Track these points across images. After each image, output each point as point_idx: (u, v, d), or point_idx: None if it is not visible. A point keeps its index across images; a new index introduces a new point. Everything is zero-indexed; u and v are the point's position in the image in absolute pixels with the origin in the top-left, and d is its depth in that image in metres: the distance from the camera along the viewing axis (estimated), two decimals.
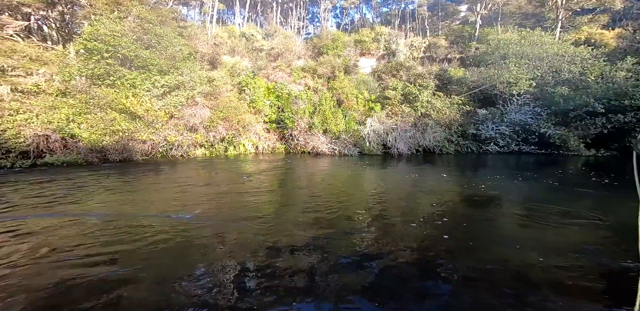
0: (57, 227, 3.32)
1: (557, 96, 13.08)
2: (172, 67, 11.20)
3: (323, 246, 2.90)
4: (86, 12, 11.44)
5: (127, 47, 10.09)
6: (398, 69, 16.78)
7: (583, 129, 12.81)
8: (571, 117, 12.97)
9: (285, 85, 13.66)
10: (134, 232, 3.21)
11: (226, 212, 4.07)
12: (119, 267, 2.45)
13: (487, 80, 14.76)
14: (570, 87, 13.44)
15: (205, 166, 8.75)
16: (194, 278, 2.30)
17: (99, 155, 8.83)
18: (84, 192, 5.03)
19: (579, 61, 14.45)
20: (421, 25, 29.95)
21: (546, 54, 15.03)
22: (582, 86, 13.48)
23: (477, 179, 6.84)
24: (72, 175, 6.71)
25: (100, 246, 2.85)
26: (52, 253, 2.69)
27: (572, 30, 24.52)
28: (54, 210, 3.99)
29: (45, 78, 9.55)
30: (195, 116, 10.85)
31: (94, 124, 8.82)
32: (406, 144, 12.48)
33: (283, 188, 6.01)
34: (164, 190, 5.37)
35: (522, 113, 13.42)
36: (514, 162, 10.70)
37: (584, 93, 12.88)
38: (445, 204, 4.64)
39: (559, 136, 12.66)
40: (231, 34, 18.90)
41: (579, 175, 8.15)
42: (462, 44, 23.64)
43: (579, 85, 13.65)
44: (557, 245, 3.01)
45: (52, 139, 8.61)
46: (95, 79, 9.76)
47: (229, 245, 2.92)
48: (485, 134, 13.39)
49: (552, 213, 4.11)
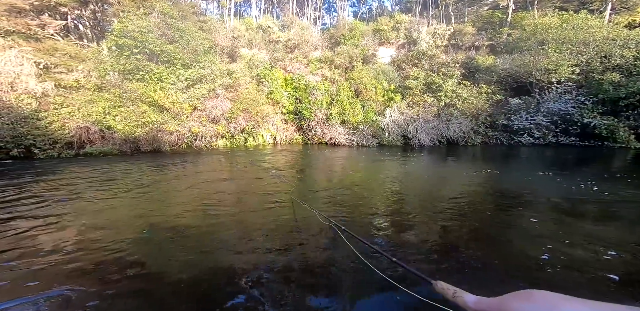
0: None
1: (606, 83, 11.65)
2: (194, 60, 11.51)
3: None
4: (115, 9, 12.01)
5: (153, 42, 10.49)
6: (420, 58, 15.90)
7: (635, 119, 11.37)
8: (622, 106, 11.54)
9: (302, 77, 13.54)
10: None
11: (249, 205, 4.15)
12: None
13: (522, 67, 13.49)
14: (622, 73, 11.89)
15: (231, 157, 8.99)
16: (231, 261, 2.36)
17: (131, 146, 9.44)
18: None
19: (633, 45, 12.67)
20: (445, 12, 27.91)
21: (593, 38, 13.33)
22: (637, 72, 11.86)
23: (509, 175, 6.29)
24: (114, 163, 7.23)
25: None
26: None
27: (624, 12, 21.46)
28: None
29: (84, 74, 10.27)
30: (216, 108, 11.14)
31: (127, 116, 9.39)
32: (428, 135, 11.93)
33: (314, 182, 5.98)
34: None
35: (563, 102, 12.16)
36: (551, 155, 9.79)
37: (638, 79, 11.34)
38: (469, 201, 4.16)
39: (606, 126, 11.35)
40: (248, 27, 18.95)
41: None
42: (492, 31, 21.74)
43: (632, 71, 12.03)
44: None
45: (91, 131, 9.32)
46: (127, 74, 10.31)
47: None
48: (518, 125, 12.37)
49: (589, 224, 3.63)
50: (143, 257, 2.31)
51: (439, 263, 2.32)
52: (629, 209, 3.71)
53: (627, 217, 3.47)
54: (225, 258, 2.33)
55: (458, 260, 2.34)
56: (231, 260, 2.31)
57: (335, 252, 2.43)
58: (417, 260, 2.33)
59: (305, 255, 2.39)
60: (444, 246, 2.61)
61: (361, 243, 1.64)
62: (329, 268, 2.19)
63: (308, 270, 2.17)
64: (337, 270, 2.17)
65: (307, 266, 2.21)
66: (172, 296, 1.86)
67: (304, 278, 2.07)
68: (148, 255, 2.37)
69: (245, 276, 2.06)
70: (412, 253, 2.46)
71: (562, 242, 2.65)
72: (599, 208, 3.79)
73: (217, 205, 3.74)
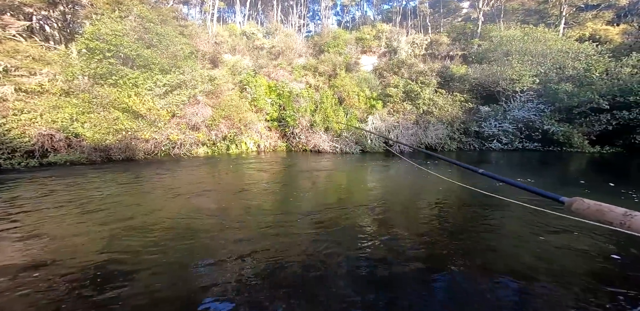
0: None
1: (560, 93, 12.95)
2: (174, 66, 11.22)
3: (327, 246, 2.90)
4: (87, 11, 11.47)
5: (128, 46, 10.11)
6: (399, 67, 16.68)
7: (587, 126, 12.68)
8: (575, 114, 12.84)
9: (286, 84, 13.64)
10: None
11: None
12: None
13: (490, 77, 14.64)
14: (574, 84, 13.29)
15: (211, 166, 8.77)
16: (203, 269, 2.31)
17: (102, 154, 8.90)
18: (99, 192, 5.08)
19: (583, 57, 14.28)
20: (423, 22, 29.72)
21: (550, 51, 14.87)
22: (587, 82, 13.32)
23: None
24: (78, 173, 6.76)
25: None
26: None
27: (576, 26, 24.21)
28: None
29: (49, 78, 9.61)
30: (197, 115, 10.87)
31: (97, 123, 8.88)
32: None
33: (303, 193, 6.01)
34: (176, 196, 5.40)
35: (525, 110, 13.30)
36: (517, 159, 10.63)
37: (588, 89, 12.73)
38: (447, 202, 4.62)
39: (562, 133, 12.55)
40: (232, 33, 18.87)
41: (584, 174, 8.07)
42: (464, 41, 23.44)
43: (583, 81, 13.49)
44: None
45: (56, 138, 8.69)
46: (98, 79, 9.81)
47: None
48: (488, 131, 13.30)
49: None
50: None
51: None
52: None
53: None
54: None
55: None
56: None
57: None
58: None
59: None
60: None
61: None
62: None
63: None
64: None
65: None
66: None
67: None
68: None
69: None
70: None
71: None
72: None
73: (184, 232, 3.14)
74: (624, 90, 12.31)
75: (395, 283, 2.21)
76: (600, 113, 12.36)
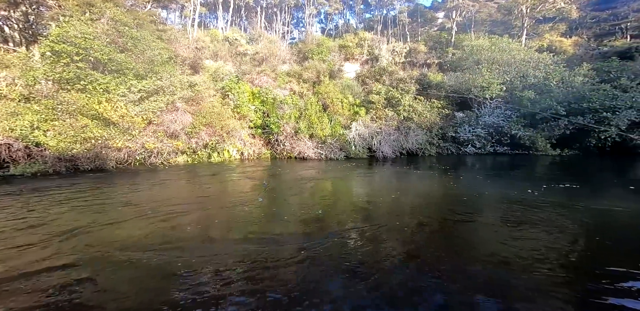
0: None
1: (524, 99, 14.12)
2: (150, 71, 10.79)
3: (315, 252, 2.91)
4: (54, 13, 10.79)
5: (99, 50, 9.59)
6: (381, 74, 17.30)
7: (549, 131, 13.89)
8: (538, 119, 14.04)
9: (270, 90, 13.60)
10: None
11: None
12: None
13: (463, 84, 15.63)
14: (535, 91, 14.57)
15: (190, 176, 8.44)
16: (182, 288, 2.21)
17: (68, 164, 8.25)
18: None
19: (542, 67, 15.72)
20: (402, 31, 31.22)
21: (514, 60, 16.23)
22: (546, 90, 14.66)
23: (456, 179, 7.21)
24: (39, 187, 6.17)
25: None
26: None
27: (535, 37, 26.72)
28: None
29: (7, 82, 8.84)
30: (175, 122, 10.47)
31: (62, 131, 8.24)
32: (390, 147, 12.84)
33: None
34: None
35: (495, 116, 14.31)
36: (490, 163, 11.36)
37: (547, 97, 14.01)
38: (430, 203, 4.84)
39: (528, 137, 13.64)
40: (214, 38, 18.57)
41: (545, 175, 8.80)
42: (440, 50, 24.90)
43: (543, 89, 14.83)
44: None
45: (14, 148, 7.93)
46: (64, 84, 9.16)
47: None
48: (463, 136, 14.11)
49: (526, 210, 4.42)
50: None
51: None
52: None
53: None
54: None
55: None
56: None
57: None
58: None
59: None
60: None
61: None
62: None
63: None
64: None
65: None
66: None
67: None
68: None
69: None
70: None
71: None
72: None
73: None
74: (578, 97, 13.70)
75: (381, 280, 2.26)
76: (559, 118, 13.61)
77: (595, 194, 5.75)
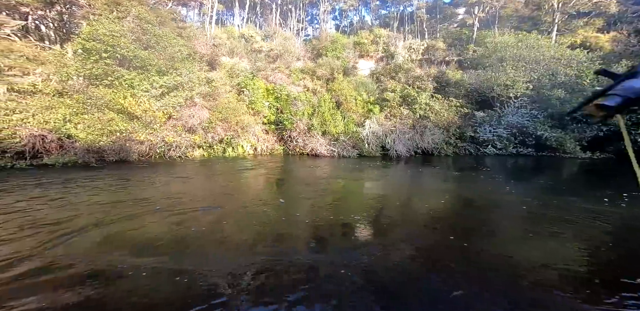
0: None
1: (553, 99, 13.23)
2: (171, 67, 11.17)
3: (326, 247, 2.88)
4: (85, 12, 11.41)
5: (125, 47, 10.05)
6: (397, 71, 16.87)
7: (579, 132, 12.96)
8: (568, 120, 13.12)
9: (284, 87, 13.68)
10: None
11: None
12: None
13: (485, 82, 14.89)
14: (566, 90, 13.60)
15: (205, 171, 8.66)
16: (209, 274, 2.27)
17: (95, 156, 8.76)
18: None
19: (574, 64, 14.64)
20: (419, 28, 30.23)
21: (543, 57, 15.22)
22: (578, 89, 13.64)
23: (474, 181, 6.88)
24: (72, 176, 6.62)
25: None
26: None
27: (568, 33, 24.88)
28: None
29: (42, 78, 9.48)
30: (193, 117, 10.81)
31: (91, 124, 8.75)
32: (405, 146, 12.52)
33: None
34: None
35: (519, 116, 13.54)
36: (511, 165, 10.76)
37: (580, 96, 13.03)
38: (444, 206, 4.65)
39: (555, 138, 12.79)
40: (230, 35, 18.91)
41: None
42: (460, 47, 23.86)
43: (574, 88, 13.82)
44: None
45: (48, 139, 8.52)
46: (93, 79, 9.71)
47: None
48: (483, 136, 13.48)
49: (551, 217, 4.13)
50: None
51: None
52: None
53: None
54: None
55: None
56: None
57: None
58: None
59: None
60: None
61: None
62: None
63: None
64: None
65: None
66: None
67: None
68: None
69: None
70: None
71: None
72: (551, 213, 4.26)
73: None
74: None
75: (396, 284, 2.20)
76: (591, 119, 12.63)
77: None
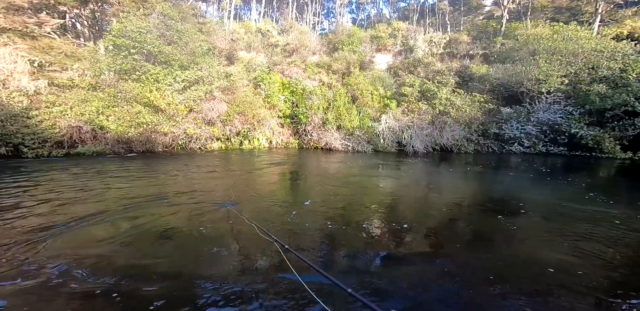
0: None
1: (592, 94, 12.06)
2: (192, 62, 11.55)
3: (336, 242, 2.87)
4: (114, 9, 12.05)
5: (151, 43, 10.51)
6: (416, 66, 16.22)
7: (620, 130, 11.75)
8: (607, 117, 11.93)
9: (299, 81, 13.67)
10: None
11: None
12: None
13: (514, 77, 13.88)
14: (608, 85, 12.33)
15: (224, 162, 8.91)
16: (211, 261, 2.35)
17: (124, 146, 9.35)
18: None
19: (620, 57, 13.18)
20: (441, 21, 28.71)
21: (582, 50, 13.84)
22: (622, 84, 12.31)
23: (497, 181, 6.49)
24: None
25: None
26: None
27: (613, 24, 22.40)
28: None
29: (79, 73, 10.20)
30: (212, 110, 11.15)
31: (120, 116, 9.32)
32: (422, 142, 12.10)
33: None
34: None
35: (551, 113, 12.51)
36: (540, 164, 10.00)
37: (623, 91, 11.76)
38: (460, 207, 4.42)
39: (592, 137, 11.71)
40: (247, 30, 19.12)
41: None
42: (486, 40, 22.35)
43: (618, 82, 12.48)
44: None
45: (83, 130, 9.21)
46: (123, 74, 10.28)
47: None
48: (509, 134, 12.65)
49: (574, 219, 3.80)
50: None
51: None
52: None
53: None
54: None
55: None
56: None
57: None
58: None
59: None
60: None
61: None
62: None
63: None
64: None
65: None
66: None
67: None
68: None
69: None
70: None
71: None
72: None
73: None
74: None
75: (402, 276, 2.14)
76: (635, 116, 11.40)
77: None
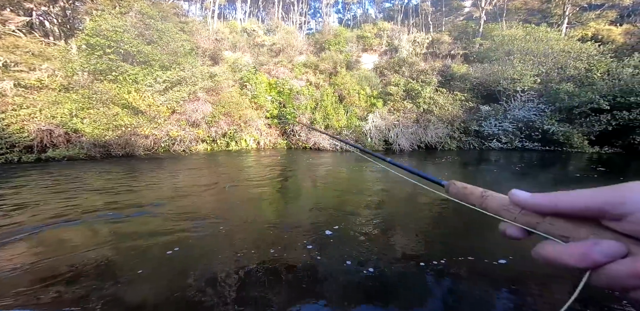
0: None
1: (561, 93, 12.91)
2: (174, 62, 11.20)
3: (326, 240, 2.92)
4: (88, 7, 11.44)
5: (129, 42, 10.08)
6: (400, 65, 16.62)
7: (587, 126, 12.66)
8: (575, 114, 12.82)
9: (286, 81, 13.62)
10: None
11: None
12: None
13: (491, 76, 14.59)
14: (575, 84, 13.25)
15: (210, 165, 8.76)
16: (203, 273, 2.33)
17: (101, 150, 8.91)
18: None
19: (585, 57, 14.20)
20: (424, 21, 29.59)
21: (551, 50, 14.79)
22: (588, 83, 13.28)
23: (478, 175, 6.83)
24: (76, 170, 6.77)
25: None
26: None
27: (578, 26, 24.06)
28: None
29: (48, 73, 9.60)
30: (197, 111, 10.87)
31: (96, 119, 8.88)
32: (408, 140, 12.43)
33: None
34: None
35: (526, 110, 13.27)
36: (516, 159, 10.60)
37: (589, 90, 12.69)
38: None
39: (562, 133, 12.53)
40: (232, 30, 18.79)
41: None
42: (466, 40, 23.31)
43: (584, 81, 13.45)
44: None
45: (55, 134, 8.69)
46: (98, 74, 9.80)
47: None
48: (488, 131, 13.28)
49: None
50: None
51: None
52: None
53: None
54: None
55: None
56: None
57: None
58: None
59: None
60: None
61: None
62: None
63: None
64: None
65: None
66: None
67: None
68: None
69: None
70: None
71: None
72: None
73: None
74: (625, 90, 12.26)
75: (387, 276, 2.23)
76: (601, 113, 12.33)
77: None
